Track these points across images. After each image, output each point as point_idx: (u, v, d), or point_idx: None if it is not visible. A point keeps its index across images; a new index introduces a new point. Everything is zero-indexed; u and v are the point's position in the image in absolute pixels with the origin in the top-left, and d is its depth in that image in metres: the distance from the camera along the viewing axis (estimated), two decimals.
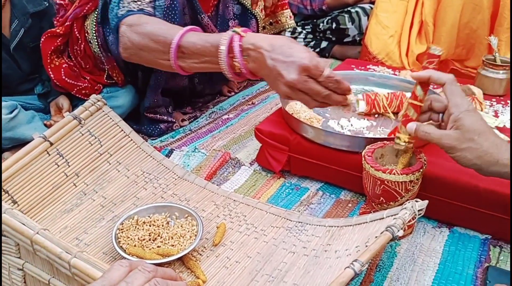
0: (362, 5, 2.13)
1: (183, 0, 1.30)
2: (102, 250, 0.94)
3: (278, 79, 0.88)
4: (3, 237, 0.78)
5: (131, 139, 1.16)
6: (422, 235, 1.03)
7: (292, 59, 0.86)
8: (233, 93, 1.76)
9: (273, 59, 0.88)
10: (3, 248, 0.80)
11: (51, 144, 1.03)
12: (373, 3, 1.99)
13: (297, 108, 1.22)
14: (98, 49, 1.36)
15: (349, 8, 2.14)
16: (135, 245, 0.90)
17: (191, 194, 1.10)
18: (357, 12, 2.10)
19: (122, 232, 0.93)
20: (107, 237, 0.96)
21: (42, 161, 1.01)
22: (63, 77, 1.36)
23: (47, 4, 1.44)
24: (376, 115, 1.29)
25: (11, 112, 1.29)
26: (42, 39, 1.36)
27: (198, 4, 1.37)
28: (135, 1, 1.14)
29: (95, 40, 1.35)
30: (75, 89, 1.38)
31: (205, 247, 0.94)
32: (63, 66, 1.38)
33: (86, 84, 1.38)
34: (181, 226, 0.95)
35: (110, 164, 1.11)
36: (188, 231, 0.94)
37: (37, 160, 1.00)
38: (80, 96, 1.38)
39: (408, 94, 1.28)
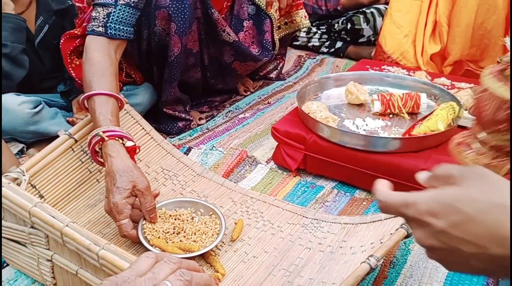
0: (377, 6, 2.14)
1: None
2: (124, 243, 0.97)
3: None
4: (32, 229, 0.82)
5: (151, 137, 1.19)
6: None
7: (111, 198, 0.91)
8: (249, 93, 1.79)
9: (106, 177, 0.94)
10: (32, 239, 0.83)
11: (76, 141, 1.06)
12: (388, 3, 2.00)
13: (313, 108, 1.25)
14: None
15: (364, 9, 2.15)
16: (159, 237, 0.93)
17: (210, 191, 1.13)
18: (372, 12, 2.12)
19: (148, 223, 0.96)
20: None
21: (67, 157, 1.04)
22: None
23: (70, 3, 1.49)
24: (391, 115, 1.31)
25: (35, 107, 1.33)
26: (62, 40, 1.40)
27: (208, 0, 1.40)
28: (94, 20, 1.19)
29: None
30: None
31: (223, 242, 0.97)
32: None
33: None
34: (205, 223, 0.97)
35: None
36: (211, 228, 0.96)
37: (63, 157, 1.04)
38: None
39: (423, 95, 1.31)
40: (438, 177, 0.46)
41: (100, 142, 0.94)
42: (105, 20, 1.18)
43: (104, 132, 0.94)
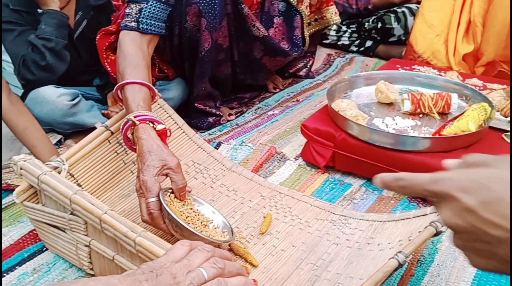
0: (408, 5, 2.13)
1: None
2: (157, 233, 1.00)
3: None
4: (72, 216, 0.86)
5: (183, 131, 1.23)
6: None
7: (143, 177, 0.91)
8: (278, 90, 1.81)
9: (137, 157, 0.94)
10: (72, 225, 0.87)
11: (112, 133, 1.10)
12: (419, 3, 1.99)
13: (343, 106, 1.26)
14: None
15: (395, 8, 2.14)
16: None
17: (239, 185, 1.15)
18: (403, 12, 2.10)
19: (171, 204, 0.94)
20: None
21: (104, 148, 1.08)
22: None
23: None
24: (421, 115, 1.31)
25: (73, 99, 1.38)
26: (98, 36, 1.45)
27: None
28: (127, 16, 1.23)
29: None
30: None
31: (252, 235, 1.00)
32: None
33: None
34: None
35: None
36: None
37: (99, 148, 1.07)
38: None
39: (455, 95, 1.30)
40: (470, 163, 0.45)
41: (132, 127, 0.96)
42: (137, 16, 1.22)
43: (135, 117, 0.96)
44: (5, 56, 1.45)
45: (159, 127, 0.98)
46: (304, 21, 1.64)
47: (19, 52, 1.34)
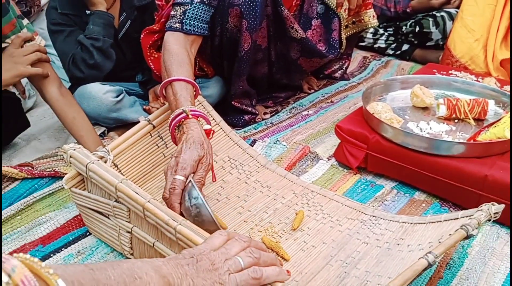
0: (448, 10, 2.11)
1: None
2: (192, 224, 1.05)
3: (173, 158, 0.95)
4: (116, 203, 0.91)
5: (221, 128, 1.27)
6: (496, 239, 1.05)
7: (189, 159, 0.92)
8: (312, 91, 1.84)
9: (183, 143, 0.96)
10: (116, 212, 0.93)
11: (154, 127, 1.15)
12: (459, 7, 1.97)
13: (378, 109, 1.28)
14: None
15: (434, 12, 2.13)
16: None
17: (272, 182, 1.19)
18: (442, 16, 2.09)
19: None
20: None
21: (146, 141, 1.13)
22: None
23: None
24: (456, 120, 1.31)
25: (118, 96, 1.45)
26: (142, 35, 1.51)
27: None
28: (172, 18, 1.29)
29: None
30: None
31: (284, 231, 1.03)
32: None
33: None
34: None
35: None
36: None
37: (142, 140, 1.13)
38: None
39: (491, 102, 1.30)
40: None
41: (183, 119, 1.00)
42: (181, 17, 1.28)
43: (190, 110, 1.00)
44: (53, 50, 1.53)
45: (206, 126, 1.02)
46: (342, 24, 1.66)
47: (68, 51, 1.42)
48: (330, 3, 1.64)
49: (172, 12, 1.30)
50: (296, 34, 1.53)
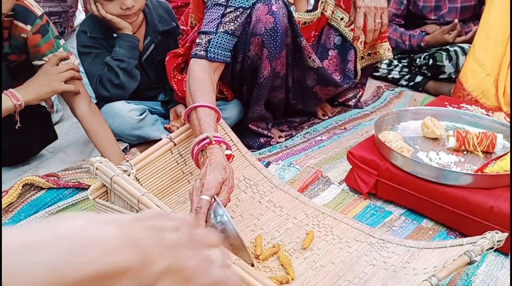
0: (461, 45, 2.17)
1: (285, 23, 1.47)
2: None
3: (198, 181, 1.00)
4: None
5: (237, 148, 1.32)
6: (500, 269, 1.08)
7: (213, 181, 0.98)
8: (327, 117, 1.89)
9: (207, 167, 1.01)
10: None
11: (175, 144, 1.21)
12: (471, 42, 2.02)
13: (390, 138, 1.33)
14: None
15: (447, 47, 2.19)
16: None
17: (285, 202, 1.23)
18: (455, 50, 2.15)
19: None
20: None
21: (166, 158, 1.19)
22: (185, 88, 1.58)
23: (174, 25, 1.69)
24: (465, 152, 1.35)
25: (141, 114, 1.53)
26: (167, 58, 1.59)
27: (299, 29, 1.52)
28: (197, 45, 1.36)
29: None
30: None
31: (294, 250, 1.08)
32: (185, 79, 1.60)
33: None
34: None
35: None
36: None
37: (163, 157, 1.18)
38: None
39: (500, 136, 1.34)
40: None
41: (206, 145, 1.06)
42: (206, 45, 1.35)
43: (213, 136, 1.07)
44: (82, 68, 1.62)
45: (227, 152, 1.08)
46: (358, 55, 1.73)
47: (96, 72, 1.51)
48: (347, 36, 1.71)
49: (197, 40, 1.37)
50: (313, 64, 1.59)
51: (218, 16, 1.39)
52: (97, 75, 1.51)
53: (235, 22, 1.39)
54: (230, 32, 1.39)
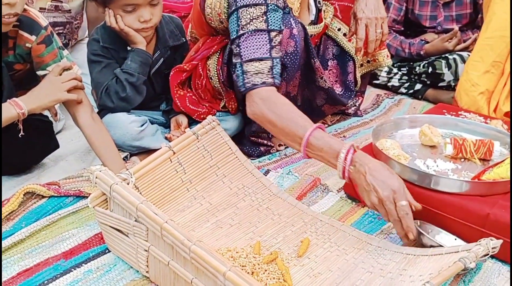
0: (460, 53, 2.19)
1: (302, 46, 1.48)
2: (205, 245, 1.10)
3: (372, 192, 1.07)
4: (136, 222, 0.98)
5: (236, 156, 1.33)
6: (497, 276, 1.08)
7: (389, 182, 1.07)
8: (326, 125, 1.91)
9: (372, 176, 1.07)
10: (135, 231, 0.99)
11: (174, 153, 1.22)
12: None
13: (387, 145, 1.34)
14: (219, 85, 1.57)
15: (446, 55, 2.20)
16: None
17: (283, 210, 1.25)
18: (454, 59, 2.16)
19: None
20: (211, 236, 1.14)
21: (165, 166, 1.21)
22: (187, 104, 1.60)
23: (184, 41, 1.70)
24: (462, 160, 1.36)
25: (142, 126, 1.54)
26: (172, 72, 1.60)
27: (313, 50, 1.53)
28: (257, 74, 1.30)
29: (216, 77, 1.56)
30: (196, 114, 1.60)
31: (293, 257, 1.08)
32: (187, 95, 1.61)
33: (205, 110, 1.60)
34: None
35: (217, 176, 1.29)
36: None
37: (162, 165, 1.20)
38: (199, 119, 1.58)
39: (497, 143, 1.35)
40: None
41: (352, 153, 1.10)
42: (270, 72, 1.30)
43: (356, 145, 1.12)
44: (87, 79, 1.63)
45: None
46: (357, 64, 1.74)
47: (103, 82, 1.52)
48: (345, 46, 1.72)
49: (251, 68, 1.30)
50: (324, 84, 1.62)
51: (266, 41, 1.32)
52: (104, 85, 1.52)
53: (280, 43, 1.36)
54: (280, 56, 1.35)
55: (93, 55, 1.55)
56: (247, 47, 1.32)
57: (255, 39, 1.32)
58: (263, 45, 1.32)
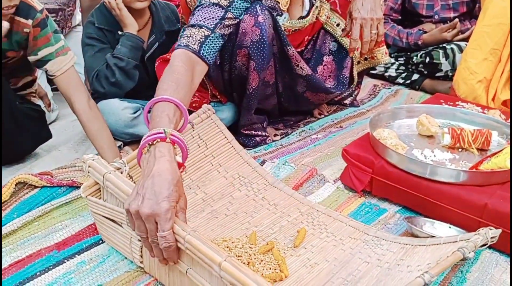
0: (457, 42, 2.17)
1: (271, 33, 1.46)
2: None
3: (139, 196, 0.84)
4: None
5: (232, 146, 1.31)
6: (494, 266, 1.08)
7: (160, 198, 0.82)
8: (322, 116, 1.89)
9: (152, 180, 0.84)
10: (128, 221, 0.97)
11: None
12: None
13: (384, 135, 1.32)
14: None
15: (444, 44, 2.19)
16: None
17: (279, 200, 1.23)
18: (452, 48, 2.14)
19: None
20: (206, 227, 1.12)
21: None
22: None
23: (179, 26, 1.68)
24: (460, 150, 1.35)
25: (135, 113, 1.52)
26: (157, 63, 1.58)
27: (286, 37, 1.51)
28: (188, 37, 1.22)
29: None
30: None
31: (289, 247, 1.07)
32: None
33: (196, 99, 1.58)
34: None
35: (212, 165, 1.27)
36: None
37: None
38: (191, 109, 1.56)
39: (495, 133, 1.34)
40: None
41: (158, 139, 0.88)
42: (202, 40, 1.22)
43: (171, 134, 0.90)
44: (80, 68, 1.61)
45: (177, 158, 0.91)
46: (354, 61, 1.72)
47: (95, 67, 1.50)
48: (343, 42, 1.70)
49: (187, 32, 1.24)
50: (301, 72, 1.58)
51: (219, 16, 1.30)
52: (95, 70, 1.50)
53: (229, 28, 1.35)
54: (224, 36, 1.31)
55: (88, 38, 1.53)
56: (198, 15, 1.29)
57: (210, 10, 1.30)
58: (213, 17, 1.29)
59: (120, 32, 1.52)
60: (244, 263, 0.97)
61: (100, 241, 1.11)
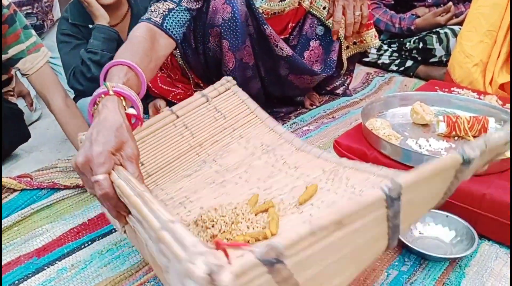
0: (451, 27, 2.12)
1: (245, 11, 1.39)
2: (200, 205, 0.96)
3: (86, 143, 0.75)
4: None
5: (256, 115, 1.20)
6: (494, 259, 1.03)
7: (102, 141, 0.73)
8: (314, 107, 1.84)
9: (93, 128, 0.76)
10: None
11: (177, 117, 1.11)
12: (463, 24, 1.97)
13: (377, 125, 1.27)
14: (182, 61, 1.50)
15: (437, 29, 2.13)
16: None
17: (302, 162, 1.06)
18: (445, 33, 2.09)
19: None
20: (209, 197, 0.99)
21: (168, 131, 1.09)
22: (160, 85, 1.53)
23: None
24: (456, 138, 1.30)
25: None
26: None
27: (261, 16, 1.45)
28: (152, 12, 1.15)
29: (178, 53, 1.49)
30: (171, 95, 1.54)
31: (291, 206, 0.92)
32: (158, 75, 1.54)
33: (180, 90, 1.53)
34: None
35: (232, 137, 1.16)
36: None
37: (163, 130, 1.08)
38: (175, 101, 1.52)
39: (492, 119, 1.29)
40: None
41: (103, 95, 0.81)
42: (165, 13, 1.15)
43: (112, 87, 0.81)
44: (59, 62, 1.55)
45: (130, 110, 0.83)
46: (343, 46, 1.66)
47: (71, 64, 1.45)
48: (330, 25, 1.64)
49: (152, 7, 1.17)
50: (281, 52, 1.52)
51: None
52: (72, 67, 1.45)
53: (197, 3, 1.27)
54: (190, 10, 1.23)
55: (62, 35, 1.48)
56: None
57: None
58: None
59: (91, 26, 1.46)
60: (227, 223, 0.85)
61: (82, 246, 1.07)
